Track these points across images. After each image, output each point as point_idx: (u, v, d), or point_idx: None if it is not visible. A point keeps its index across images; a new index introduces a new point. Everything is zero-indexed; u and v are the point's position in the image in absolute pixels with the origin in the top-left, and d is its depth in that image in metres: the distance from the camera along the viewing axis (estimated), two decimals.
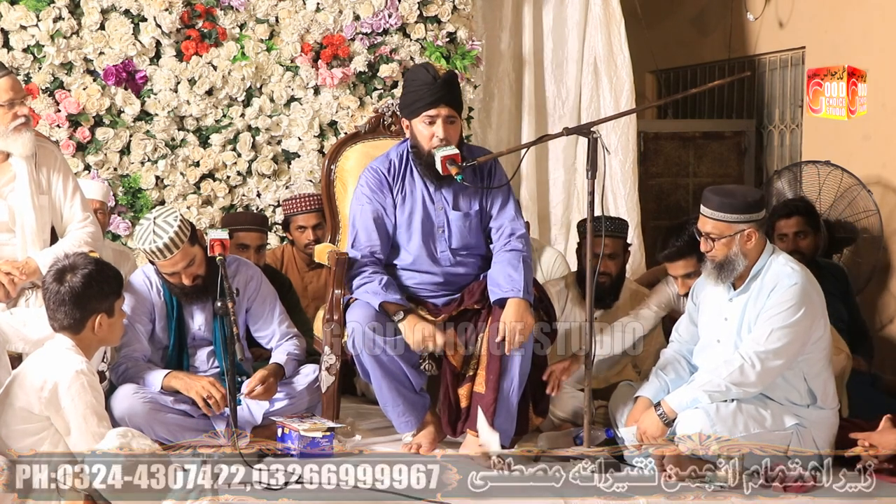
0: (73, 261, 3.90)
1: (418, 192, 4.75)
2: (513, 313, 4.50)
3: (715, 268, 4.50)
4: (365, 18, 6.34)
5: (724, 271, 4.49)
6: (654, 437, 4.41)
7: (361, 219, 4.73)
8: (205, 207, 6.18)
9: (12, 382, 3.81)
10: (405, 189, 4.73)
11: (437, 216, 4.71)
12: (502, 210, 4.77)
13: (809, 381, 4.48)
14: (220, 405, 4.54)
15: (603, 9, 7.07)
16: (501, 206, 4.78)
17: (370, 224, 4.70)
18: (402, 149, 4.79)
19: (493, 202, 4.78)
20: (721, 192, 4.51)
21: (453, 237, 4.73)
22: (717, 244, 4.46)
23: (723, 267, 4.48)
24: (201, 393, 4.54)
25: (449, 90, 4.65)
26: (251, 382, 4.62)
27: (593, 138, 4.53)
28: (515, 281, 4.57)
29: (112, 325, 3.91)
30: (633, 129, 7.10)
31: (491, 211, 4.78)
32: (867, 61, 6.52)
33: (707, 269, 4.54)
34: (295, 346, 4.85)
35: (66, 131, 5.96)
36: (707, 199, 4.49)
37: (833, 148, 6.57)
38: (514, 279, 4.58)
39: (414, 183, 4.74)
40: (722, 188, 4.63)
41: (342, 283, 4.78)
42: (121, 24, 6.02)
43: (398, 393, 4.62)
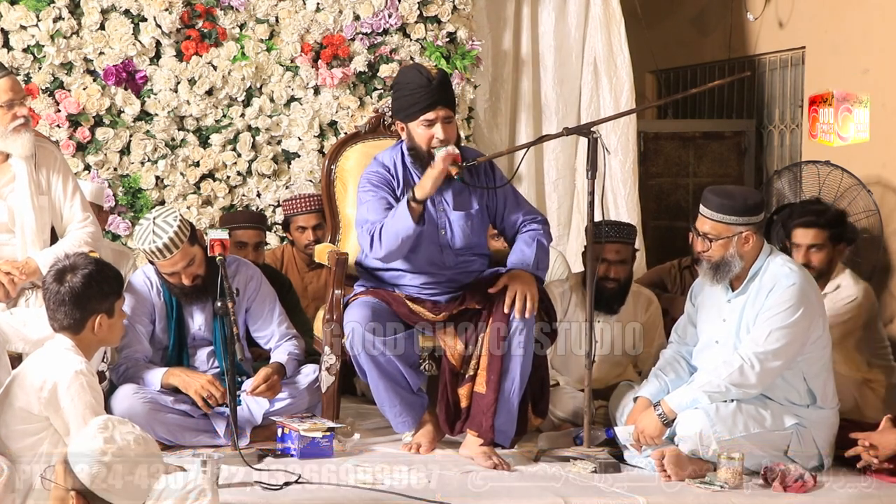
0: (73, 261, 3.90)
1: None
2: (518, 281, 4.50)
3: (711, 268, 4.49)
4: (365, 18, 6.34)
5: (720, 272, 4.48)
6: (652, 437, 4.41)
7: (370, 206, 4.60)
8: (205, 207, 6.18)
9: (12, 382, 3.81)
10: (399, 192, 4.71)
11: (438, 218, 4.71)
12: (513, 207, 4.77)
13: (809, 381, 4.48)
14: (219, 402, 4.54)
15: (603, 9, 7.06)
16: (511, 204, 4.78)
17: (380, 208, 4.57)
18: (395, 153, 4.75)
19: (499, 203, 4.77)
20: (721, 193, 4.50)
21: (456, 237, 4.72)
22: (714, 245, 4.46)
23: (718, 267, 4.48)
24: (200, 392, 4.54)
25: (444, 91, 4.65)
26: (256, 380, 4.62)
27: (593, 138, 4.53)
28: (527, 256, 4.62)
29: (112, 326, 3.91)
30: (633, 129, 7.09)
31: (500, 212, 4.77)
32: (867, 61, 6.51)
33: (703, 269, 4.54)
34: (295, 346, 4.85)
35: (66, 131, 5.96)
36: (707, 199, 4.49)
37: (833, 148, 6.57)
38: (525, 254, 4.63)
39: (408, 186, 4.73)
40: (722, 189, 4.62)
41: (342, 283, 4.78)
42: (121, 24, 6.02)
43: (395, 393, 4.62)
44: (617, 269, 5.33)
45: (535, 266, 4.61)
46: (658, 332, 5.47)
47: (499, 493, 4.07)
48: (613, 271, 5.32)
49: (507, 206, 4.77)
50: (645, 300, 5.52)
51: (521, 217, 4.76)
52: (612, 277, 5.32)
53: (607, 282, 5.28)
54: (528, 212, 4.80)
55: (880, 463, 4.39)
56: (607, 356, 5.32)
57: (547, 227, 4.80)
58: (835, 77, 6.88)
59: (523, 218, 4.76)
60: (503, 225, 4.80)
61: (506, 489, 4.12)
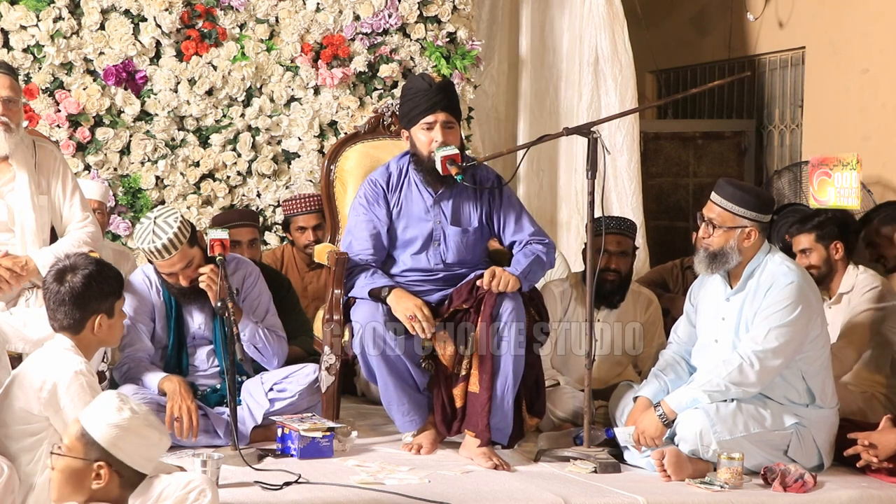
0: (73, 261, 3.90)
1: (416, 205, 4.75)
2: (501, 270, 4.53)
3: (707, 256, 4.49)
4: (365, 18, 6.34)
5: (716, 262, 4.48)
6: (652, 437, 4.41)
7: (357, 229, 4.76)
8: (205, 207, 6.18)
9: (11, 383, 3.81)
10: (402, 201, 4.74)
11: (434, 229, 4.72)
12: (518, 227, 4.78)
13: (808, 379, 4.48)
14: (185, 434, 4.43)
15: (607, 8, 7.06)
16: (517, 223, 4.78)
17: (364, 235, 4.73)
18: (402, 161, 4.81)
19: (506, 222, 4.77)
20: (736, 185, 4.53)
21: (449, 251, 4.73)
22: (716, 232, 4.46)
23: (715, 257, 4.48)
24: (173, 412, 4.45)
25: (445, 96, 4.66)
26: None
27: (593, 138, 4.54)
28: (520, 264, 4.63)
29: (112, 326, 3.91)
30: (637, 129, 7.08)
31: (504, 231, 4.78)
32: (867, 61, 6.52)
33: (699, 256, 4.54)
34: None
35: (66, 131, 5.96)
36: (720, 186, 4.50)
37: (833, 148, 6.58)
38: (519, 262, 4.64)
39: (412, 195, 4.75)
40: (738, 181, 4.67)
41: (342, 283, 4.78)
42: (121, 24, 6.02)
43: (403, 392, 4.61)
44: (618, 261, 5.32)
45: (525, 274, 4.60)
46: (658, 332, 5.47)
47: (499, 493, 4.06)
48: (614, 262, 5.31)
49: (512, 226, 4.77)
50: (645, 300, 5.52)
51: (527, 237, 4.77)
52: (613, 269, 5.30)
53: (608, 273, 5.27)
54: (535, 233, 4.80)
55: (880, 462, 4.39)
56: (607, 356, 5.32)
57: (552, 249, 4.81)
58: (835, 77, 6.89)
59: (529, 238, 4.76)
60: (509, 243, 4.80)
61: (506, 489, 4.12)
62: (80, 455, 3.11)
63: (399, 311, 4.49)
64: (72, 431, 3.16)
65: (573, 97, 7.16)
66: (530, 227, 4.81)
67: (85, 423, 3.14)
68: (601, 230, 4.89)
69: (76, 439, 3.13)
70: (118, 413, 3.13)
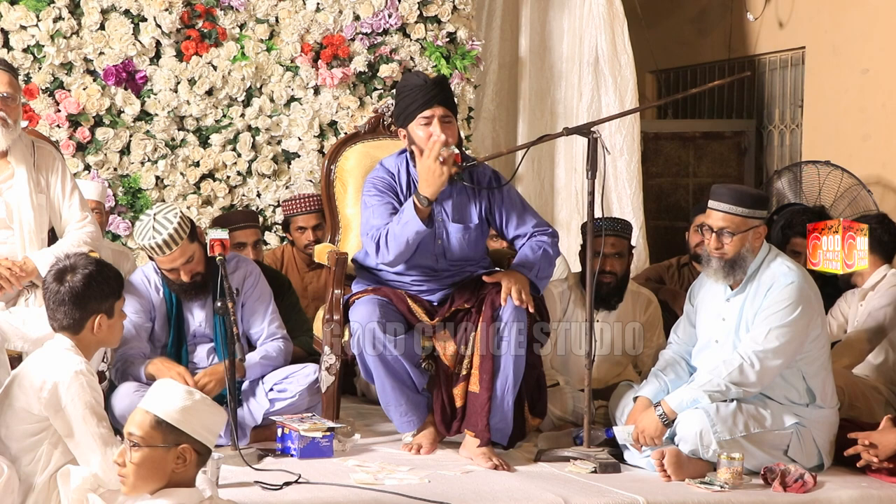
0: (73, 261, 3.90)
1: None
2: (512, 277, 4.52)
3: (726, 265, 4.44)
4: (365, 18, 6.34)
5: (736, 269, 4.44)
6: (652, 437, 4.41)
7: (377, 209, 4.63)
8: (205, 207, 6.18)
9: (12, 382, 3.81)
10: (403, 200, 4.72)
11: (435, 227, 4.70)
12: (521, 221, 4.75)
13: (808, 379, 4.48)
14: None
15: (607, 8, 7.06)
16: (519, 217, 4.75)
17: (385, 213, 4.60)
18: (400, 160, 4.76)
19: (508, 217, 4.75)
20: (733, 188, 4.52)
21: (452, 248, 4.71)
22: (731, 240, 4.42)
23: (735, 264, 4.44)
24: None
25: (441, 90, 4.64)
26: (202, 378, 4.58)
27: (593, 138, 4.53)
28: (529, 260, 4.62)
29: (111, 326, 3.91)
30: (637, 129, 7.08)
31: (507, 226, 4.76)
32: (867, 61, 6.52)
33: (713, 268, 4.48)
34: (277, 348, 4.80)
35: (66, 131, 5.96)
36: (718, 193, 4.45)
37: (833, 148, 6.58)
38: (528, 258, 4.63)
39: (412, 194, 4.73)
40: (732, 185, 4.65)
41: (342, 283, 4.78)
42: (121, 24, 6.03)
43: (401, 392, 4.61)
44: (613, 263, 5.31)
45: (536, 273, 4.60)
46: (657, 332, 5.47)
47: (499, 493, 4.06)
48: (609, 264, 5.28)
49: (514, 221, 4.75)
50: (644, 300, 5.51)
51: (530, 229, 4.75)
52: (609, 271, 5.28)
53: (604, 275, 5.25)
54: (539, 224, 4.77)
55: (880, 462, 4.39)
56: (607, 356, 5.32)
57: (556, 240, 4.78)
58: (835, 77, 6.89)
59: (533, 230, 4.75)
60: (512, 238, 4.79)
61: (506, 489, 4.12)
62: (160, 443, 3.18)
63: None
64: (142, 422, 3.21)
65: (573, 97, 7.16)
66: (533, 219, 4.77)
67: (158, 412, 3.21)
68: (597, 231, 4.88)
69: (151, 429, 3.19)
70: (189, 396, 3.24)
